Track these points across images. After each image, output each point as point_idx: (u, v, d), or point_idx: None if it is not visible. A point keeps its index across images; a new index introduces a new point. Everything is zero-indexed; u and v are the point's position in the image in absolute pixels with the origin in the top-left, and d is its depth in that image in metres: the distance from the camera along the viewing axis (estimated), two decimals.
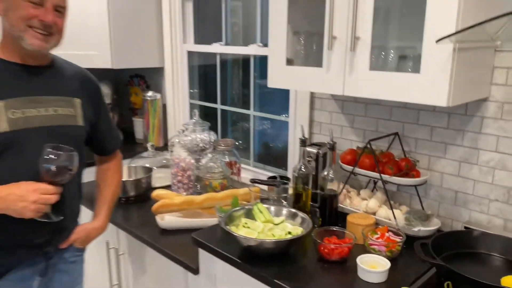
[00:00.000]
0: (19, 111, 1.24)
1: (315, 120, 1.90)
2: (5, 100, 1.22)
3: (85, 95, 1.43)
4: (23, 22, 1.21)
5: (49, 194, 1.21)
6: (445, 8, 1.11)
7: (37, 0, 1.21)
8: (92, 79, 1.50)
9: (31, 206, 1.18)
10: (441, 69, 1.14)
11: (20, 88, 1.26)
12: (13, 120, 1.23)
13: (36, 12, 1.21)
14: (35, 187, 1.19)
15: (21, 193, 1.17)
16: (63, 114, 1.33)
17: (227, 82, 2.52)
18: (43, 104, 1.29)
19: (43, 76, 1.33)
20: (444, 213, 1.55)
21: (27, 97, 1.27)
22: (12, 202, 1.17)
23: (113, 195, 1.59)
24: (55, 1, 1.24)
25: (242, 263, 1.32)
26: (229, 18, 2.42)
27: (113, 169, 1.62)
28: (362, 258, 1.26)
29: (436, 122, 1.52)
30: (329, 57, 1.37)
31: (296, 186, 1.61)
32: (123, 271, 1.92)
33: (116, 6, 2.37)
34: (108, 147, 1.60)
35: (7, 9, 1.22)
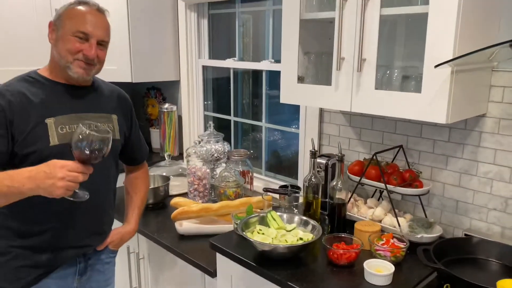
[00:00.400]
0: (66, 126, 1.38)
1: (324, 133, 2.01)
2: (55, 117, 1.37)
3: (120, 111, 1.58)
4: (70, 55, 1.35)
5: (77, 172, 1.20)
6: (444, 34, 1.22)
7: (83, 36, 1.36)
8: (126, 97, 1.66)
9: (59, 183, 1.17)
10: (440, 89, 1.25)
11: (67, 107, 1.41)
12: (62, 135, 1.36)
13: (81, 47, 1.35)
14: (62, 163, 1.19)
15: (49, 169, 1.18)
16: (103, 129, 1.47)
17: (238, 94, 2.64)
18: (87, 120, 1.43)
19: (86, 96, 1.48)
20: (446, 221, 1.65)
21: (72, 114, 1.41)
22: (41, 180, 1.18)
23: (142, 201, 1.72)
24: (98, 37, 1.38)
25: (257, 266, 1.43)
26: (244, 35, 2.54)
27: (142, 178, 1.75)
28: (368, 262, 1.36)
29: (438, 136, 1.63)
30: (338, 77, 1.49)
31: (306, 195, 1.72)
32: (142, 274, 2.03)
33: (136, 24, 2.50)
34: (137, 157, 1.73)
35: (57, 40, 1.38)
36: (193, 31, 2.66)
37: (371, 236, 1.50)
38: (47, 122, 1.34)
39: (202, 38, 2.68)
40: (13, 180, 1.20)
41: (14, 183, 1.20)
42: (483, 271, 1.38)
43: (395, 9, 1.35)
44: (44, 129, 1.34)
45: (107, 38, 1.43)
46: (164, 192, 2.17)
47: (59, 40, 1.37)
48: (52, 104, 1.38)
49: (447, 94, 1.24)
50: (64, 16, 1.38)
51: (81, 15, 1.36)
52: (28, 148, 1.31)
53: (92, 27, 1.36)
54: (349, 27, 1.43)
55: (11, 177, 1.21)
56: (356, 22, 1.40)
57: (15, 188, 1.20)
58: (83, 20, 1.36)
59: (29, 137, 1.32)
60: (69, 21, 1.36)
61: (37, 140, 1.32)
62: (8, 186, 1.21)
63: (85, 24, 1.36)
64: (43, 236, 1.39)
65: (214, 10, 2.63)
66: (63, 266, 1.45)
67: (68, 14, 1.37)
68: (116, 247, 1.62)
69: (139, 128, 1.74)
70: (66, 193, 1.20)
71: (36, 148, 1.32)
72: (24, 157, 1.31)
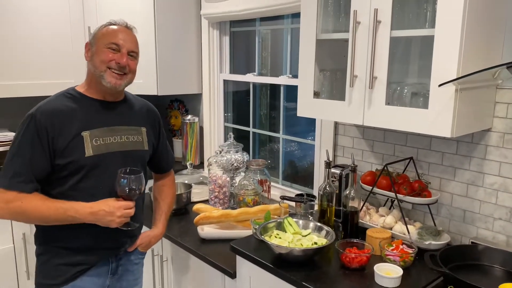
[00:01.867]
0: (100, 139, 1.52)
1: (339, 144, 2.12)
2: (90, 130, 1.50)
3: (149, 124, 1.71)
4: (104, 64, 1.49)
5: (129, 208, 1.49)
6: (448, 55, 1.32)
7: (115, 47, 1.51)
8: (154, 110, 1.78)
9: (117, 219, 1.46)
10: (446, 105, 1.35)
11: (101, 120, 1.54)
12: (96, 147, 1.50)
13: (114, 57, 1.50)
14: (119, 204, 1.47)
15: (110, 209, 1.45)
16: (133, 141, 1.61)
17: (256, 106, 2.77)
18: (118, 133, 1.57)
19: (118, 110, 1.61)
20: (454, 229, 1.74)
21: (106, 127, 1.54)
22: (102, 216, 1.45)
23: (169, 206, 1.85)
24: (129, 47, 1.53)
25: (274, 268, 1.54)
26: (263, 51, 2.68)
27: (168, 185, 1.88)
28: (378, 266, 1.46)
29: (446, 149, 1.72)
30: (351, 93, 1.60)
31: (321, 203, 1.82)
32: (166, 276, 2.15)
33: (162, 40, 2.67)
34: (164, 166, 1.86)
35: (92, 55, 1.53)
36: (215, 47, 2.81)
37: (382, 242, 1.59)
38: (83, 135, 1.48)
39: (224, 54, 2.83)
40: (77, 212, 1.43)
41: (78, 215, 1.43)
42: (487, 277, 1.46)
43: (404, 31, 1.47)
44: (80, 142, 1.47)
45: (136, 50, 1.57)
46: (186, 198, 2.29)
47: (94, 55, 1.52)
48: (87, 118, 1.51)
49: (452, 110, 1.34)
50: (97, 35, 1.54)
51: (113, 31, 1.53)
52: (66, 159, 1.45)
53: (122, 40, 1.51)
54: (362, 48, 1.54)
55: (75, 209, 1.43)
56: (368, 43, 1.52)
57: (78, 219, 1.44)
58: (114, 35, 1.51)
59: (67, 149, 1.46)
60: (102, 37, 1.52)
61: (74, 151, 1.46)
62: (73, 216, 1.43)
63: (116, 37, 1.51)
64: (81, 239, 1.52)
65: (235, 28, 2.78)
66: (98, 265, 1.59)
67: (101, 32, 1.54)
68: (145, 249, 1.74)
69: (167, 139, 1.86)
70: (119, 225, 1.49)
71: (73, 158, 1.46)
72: (63, 166, 1.46)
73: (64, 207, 1.43)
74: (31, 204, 1.41)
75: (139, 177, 1.50)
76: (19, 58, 2.50)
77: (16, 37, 2.48)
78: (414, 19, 1.50)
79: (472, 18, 1.32)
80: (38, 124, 1.42)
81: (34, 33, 2.54)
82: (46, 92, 2.54)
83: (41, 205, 1.42)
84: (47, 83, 2.60)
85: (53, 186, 1.48)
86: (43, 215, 1.42)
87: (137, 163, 1.61)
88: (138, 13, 2.62)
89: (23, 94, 2.54)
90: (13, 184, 1.40)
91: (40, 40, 2.57)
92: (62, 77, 2.64)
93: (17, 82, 2.51)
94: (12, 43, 2.47)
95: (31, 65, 2.55)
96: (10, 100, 2.73)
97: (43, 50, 2.59)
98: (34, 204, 1.42)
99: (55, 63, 2.62)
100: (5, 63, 2.45)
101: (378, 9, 1.47)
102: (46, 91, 2.56)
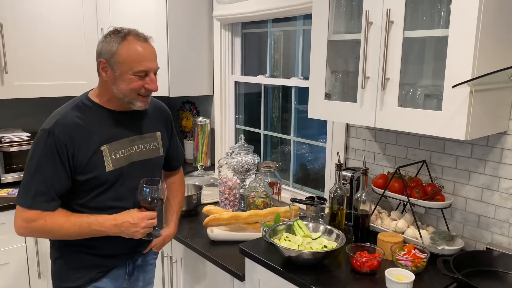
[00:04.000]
0: (119, 151, 1.50)
1: (350, 147, 2.09)
2: (109, 144, 1.47)
3: (162, 126, 1.68)
4: (134, 93, 1.45)
5: (153, 219, 1.50)
6: (463, 56, 1.30)
7: (143, 74, 1.43)
8: (166, 109, 1.74)
9: (141, 230, 1.47)
10: (460, 107, 1.32)
11: (119, 132, 1.51)
12: (116, 160, 1.48)
13: (143, 83, 1.44)
14: (143, 215, 1.48)
15: (134, 221, 1.46)
16: (150, 148, 1.60)
17: (268, 108, 2.76)
18: (136, 143, 1.55)
19: (134, 119, 1.57)
20: (468, 234, 1.70)
21: (124, 139, 1.52)
22: (126, 228, 1.45)
23: (180, 205, 1.85)
24: (154, 69, 1.47)
25: (283, 271, 1.52)
26: (275, 52, 2.67)
27: (178, 183, 1.86)
28: (390, 271, 1.43)
29: (460, 152, 1.68)
30: (362, 95, 1.58)
31: (332, 206, 1.80)
32: (175, 277, 2.15)
33: (174, 42, 2.68)
34: (175, 164, 1.83)
35: (115, 79, 1.43)
36: (227, 49, 2.81)
37: (393, 246, 1.56)
38: (102, 150, 1.45)
39: (235, 56, 2.83)
40: (102, 226, 1.43)
41: (102, 228, 1.44)
42: (502, 283, 1.42)
43: (417, 32, 1.45)
44: (100, 156, 1.44)
45: (158, 66, 1.50)
46: (196, 200, 2.29)
47: (118, 79, 1.43)
48: (105, 131, 1.47)
49: (466, 112, 1.31)
50: (119, 57, 1.40)
51: (138, 56, 1.41)
52: (88, 175, 1.43)
53: (148, 63, 1.43)
54: (374, 49, 1.52)
55: (99, 223, 1.43)
56: (380, 44, 1.49)
57: (102, 232, 1.45)
58: (139, 59, 1.41)
59: (88, 165, 1.42)
60: (127, 62, 1.40)
61: (95, 167, 1.43)
62: (97, 230, 1.43)
63: (142, 62, 1.41)
64: (101, 245, 1.51)
65: (247, 29, 2.78)
66: (117, 268, 1.60)
67: (122, 54, 1.40)
68: (158, 249, 1.74)
69: (177, 136, 1.83)
70: (143, 236, 1.50)
71: (95, 174, 1.43)
72: (84, 182, 1.44)
73: (89, 221, 1.43)
74: (56, 222, 1.40)
75: (160, 187, 1.50)
76: (33, 59, 2.53)
77: (31, 39, 2.51)
78: (428, 19, 1.47)
79: (487, 17, 1.29)
80: (57, 140, 1.37)
81: (48, 35, 2.56)
82: (59, 93, 2.59)
83: (65, 222, 1.41)
84: (60, 84, 2.63)
85: (72, 199, 1.46)
86: (68, 231, 1.41)
87: (155, 170, 1.62)
88: (151, 15, 2.63)
89: (36, 95, 2.57)
90: (35, 203, 1.37)
91: (54, 42, 2.59)
92: (75, 78, 2.66)
93: (30, 83, 2.53)
94: (26, 45, 2.50)
95: (45, 67, 2.58)
96: (23, 101, 2.78)
97: (57, 51, 2.61)
98: (59, 221, 1.40)
99: (67, 64, 2.64)
100: (19, 65, 2.48)
101: (391, 10, 1.44)
102: (59, 92, 2.60)
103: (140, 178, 1.51)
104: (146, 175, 1.53)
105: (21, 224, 1.40)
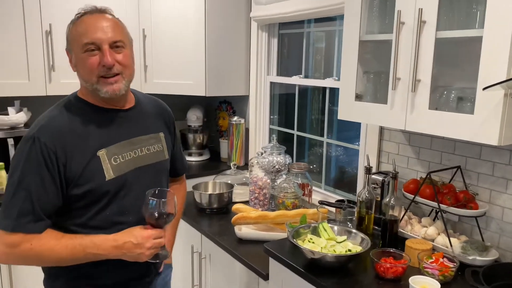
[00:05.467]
0: (119, 156, 1.28)
1: (384, 150, 2.04)
2: (107, 148, 1.25)
3: (165, 126, 1.49)
4: (91, 74, 1.21)
5: (160, 237, 1.27)
6: (497, 58, 1.23)
7: (94, 47, 1.19)
8: (166, 107, 1.54)
9: (147, 252, 1.23)
10: (493, 111, 1.26)
11: (116, 134, 1.29)
12: (116, 166, 1.27)
13: (97, 59, 1.20)
14: (148, 234, 1.23)
15: (137, 241, 1.22)
16: (154, 151, 1.39)
17: (304, 109, 2.74)
18: (137, 145, 1.34)
19: (133, 117, 1.36)
20: (504, 246, 1.61)
21: (123, 141, 1.30)
22: (128, 249, 1.22)
23: (177, 218, 1.61)
24: (109, 39, 1.20)
25: (305, 273, 1.51)
26: (311, 53, 2.65)
27: (179, 190, 1.65)
28: (414, 278, 1.38)
29: (498, 158, 1.60)
30: (393, 96, 1.54)
31: (360, 210, 1.77)
32: (203, 273, 2.19)
33: (212, 42, 2.73)
34: (179, 169, 1.64)
35: (75, 65, 1.25)
36: (263, 50, 2.83)
37: (421, 253, 1.51)
38: (99, 155, 1.24)
39: (272, 56, 2.84)
40: (99, 248, 1.20)
41: (100, 251, 1.21)
42: None
43: (451, 32, 1.39)
44: (97, 164, 1.23)
45: (119, 37, 1.24)
46: (228, 198, 2.32)
47: (77, 66, 1.24)
48: (100, 133, 1.26)
49: (500, 116, 1.25)
50: (70, 37, 1.24)
51: (83, 28, 1.21)
52: (84, 187, 1.21)
53: (98, 34, 1.20)
54: (405, 49, 1.48)
55: (96, 245, 1.20)
56: (412, 44, 1.45)
57: (100, 255, 1.22)
58: (85, 31, 1.20)
59: (83, 176, 1.21)
60: (75, 39, 1.22)
61: (92, 177, 1.22)
62: (94, 254, 1.21)
63: (88, 34, 1.19)
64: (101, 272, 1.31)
65: (284, 30, 2.78)
66: None
67: (72, 33, 1.24)
68: (169, 261, 1.59)
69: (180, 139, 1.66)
70: (149, 258, 1.26)
71: (92, 186, 1.22)
72: (81, 196, 1.22)
73: (83, 243, 1.19)
74: (44, 246, 1.17)
75: (169, 200, 1.27)
76: None
77: None
78: (462, 19, 1.42)
79: None
80: (44, 148, 1.16)
81: None
82: None
83: (55, 245, 1.18)
84: None
85: (69, 218, 1.25)
86: (59, 256, 1.19)
87: (162, 176, 1.43)
88: (190, 15, 2.70)
89: None
90: (19, 225, 1.15)
91: None
92: None
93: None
94: None
95: None
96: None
97: None
98: (47, 245, 1.17)
99: None
100: (63, 63, 2.61)
101: (423, 9, 1.40)
102: None
103: (146, 186, 1.30)
104: (153, 183, 1.34)
105: (3, 250, 1.17)
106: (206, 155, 3.23)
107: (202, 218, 2.21)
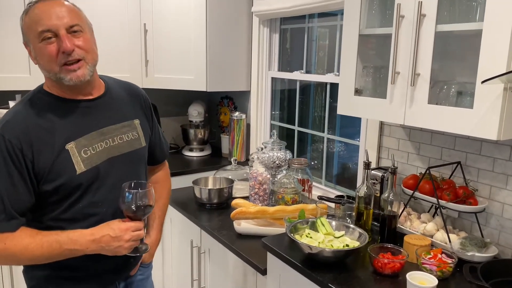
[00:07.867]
0: (89, 148, 1.24)
1: (384, 146, 2.03)
2: (75, 140, 1.22)
3: (141, 112, 1.43)
4: (52, 63, 1.17)
5: (139, 230, 1.25)
6: (497, 51, 1.22)
7: (50, 35, 1.15)
8: (141, 92, 1.48)
9: (126, 244, 1.22)
10: (492, 105, 1.24)
11: (85, 125, 1.25)
12: (87, 159, 1.23)
13: (55, 47, 1.16)
14: (126, 226, 1.22)
15: (115, 233, 1.20)
16: (128, 140, 1.34)
17: (306, 105, 2.73)
18: (109, 135, 1.29)
19: (102, 106, 1.31)
20: (504, 242, 1.59)
21: (93, 132, 1.26)
22: (107, 243, 1.20)
23: (162, 210, 1.59)
24: (65, 24, 1.16)
25: (302, 267, 1.51)
26: (313, 49, 2.64)
27: (161, 181, 1.61)
28: (412, 274, 1.37)
29: (498, 154, 1.58)
30: (392, 90, 1.53)
31: (358, 206, 1.76)
32: (202, 267, 2.19)
33: (213, 37, 2.72)
34: (158, 156, 1.57)
35: (35, 57, 1.21)
36: (265, 45, 2.81)
37: (419, 249, 1.50)
38: (68, 149, 1.20)
39: (273, 51, 2.83)
40: (75, 243, 1.18)
41: (77, 246, 1.19)
42: None
43: (450, 25, 1.37)
44: (66, 157, 1.19)
45: (76, 21, 1.19)
46: (227, 193, 2.31)
47: (36, 57, 1.20)
48: (68, 126, 1.22)
49: (499, 111, 1.23)
50: (24, 28, 1.20)
51: (36, 16, 1.16)
52: (55, 182, 1.19)
53: (51, 19, 1.15)
54: (405, 43, 1.47)
55: (72, 240, 1.18)
56: (411, 38, 1.44)
57: (77, 251, 1.20)
58: (38, 18, 1.15)
59: (53, 171, 1.18)
60: (30, 29, 1.17)
61: (63, 171, 1.19)
62: (71, 249, 1.18)
63: (42, 21, 1.15)
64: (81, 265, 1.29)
65: (285, 25, 2.77)
66: None
67: (26, 23, 1.19)
68: (147, 261, 1.56)
69: (159, 124, 1.59)
70: (129, 251, 1.25)
71: (63, 180, 1.19)
72: (52, 192, 1.20)
73: (60, 240, 1.17)
74: (18, 244, 1.15)
75: (147, 192, 1.26)
76: None
77: None
78: (462, 13, 1.40)
79: None
80: (9, 145, 1.13)
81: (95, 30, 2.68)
82: None
83: (30, 243, 1.15)
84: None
85: (42, 213, 1.23)
86: (34, 254, 1.16)
87: (139, 165, 1.39)
88: (191, 10, 2.69)
89: None
90: None
91: (99, 36, 2.70)
92: (118, 71, 2.76)
93: None
94: None
95: None
96: None
97: (101, 46, 2.72)
98: (22, 243, 1.15)
99: (112, 58, 2.73)
100: None
101: (423, 2, 1.38)
102: None
103: (121, 176, 1.29)
104: (129, 173, 1.32)
105: None
106: (208, 151, 3.23)
107: (202, 213, 2.21)
